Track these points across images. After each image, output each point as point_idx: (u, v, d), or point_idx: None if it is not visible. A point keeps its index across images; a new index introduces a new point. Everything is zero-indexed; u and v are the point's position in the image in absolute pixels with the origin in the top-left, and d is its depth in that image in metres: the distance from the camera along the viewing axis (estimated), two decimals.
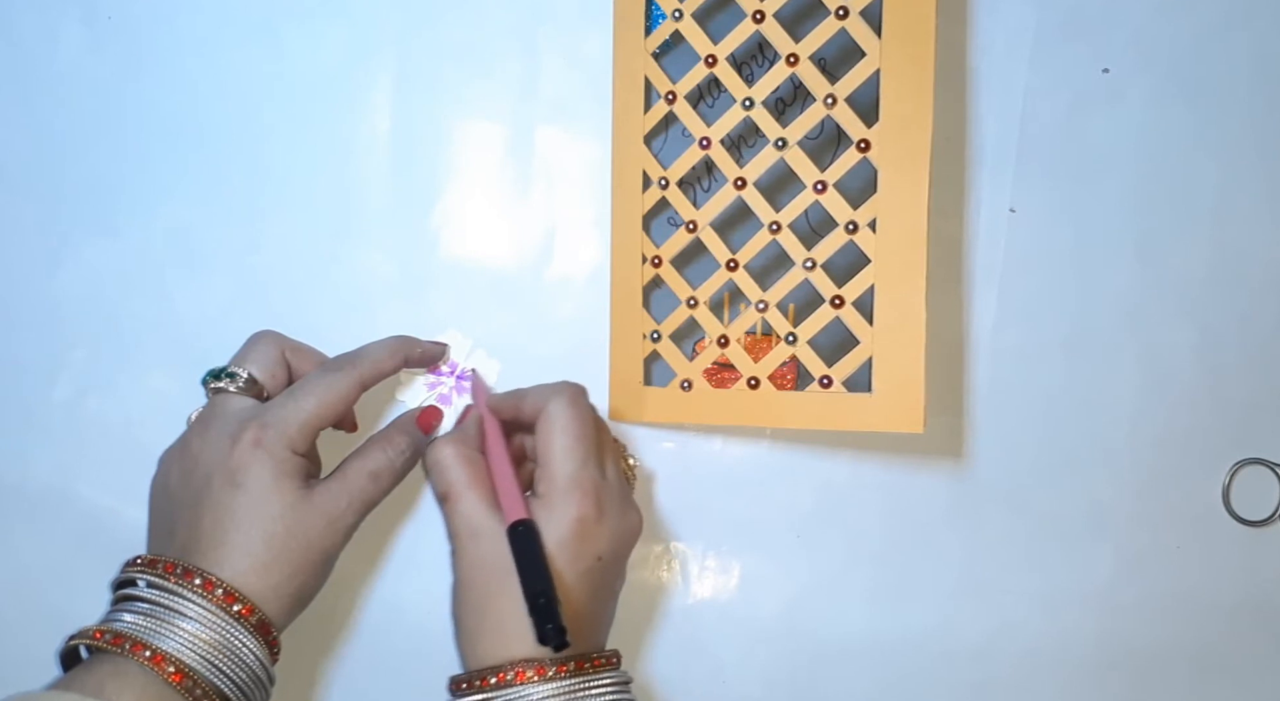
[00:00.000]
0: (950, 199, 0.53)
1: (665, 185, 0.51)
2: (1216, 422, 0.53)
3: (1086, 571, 0.54)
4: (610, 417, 0.53)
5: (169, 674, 0.40)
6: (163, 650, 0.40)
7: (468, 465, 0.46)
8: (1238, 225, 0.53)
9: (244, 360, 0.49)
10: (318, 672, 0.55)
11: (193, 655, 0.41)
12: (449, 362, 0.54)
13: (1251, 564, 0.54)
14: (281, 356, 0.50)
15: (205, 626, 0.41)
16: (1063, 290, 0.53)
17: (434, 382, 0.53)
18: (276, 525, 0.44)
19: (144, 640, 0.40)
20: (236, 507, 0.44)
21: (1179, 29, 0.52)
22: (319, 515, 0.45)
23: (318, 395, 0.47)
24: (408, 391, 0.53)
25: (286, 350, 0.50)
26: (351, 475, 0.47)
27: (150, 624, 0.41)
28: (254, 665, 0.43)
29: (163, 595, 0.42)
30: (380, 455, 0.48)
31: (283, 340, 0.51)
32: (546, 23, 0.54)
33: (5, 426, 0.56)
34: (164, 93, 0.55)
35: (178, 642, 0.41)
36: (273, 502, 0.44)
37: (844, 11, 0.48)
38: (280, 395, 0.48)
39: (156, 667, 0.40)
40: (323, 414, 0.47)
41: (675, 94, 0.51)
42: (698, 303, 0.52)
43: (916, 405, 0.48)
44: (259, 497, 0.44)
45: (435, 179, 0.55)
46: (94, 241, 0.56)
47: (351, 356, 0.50)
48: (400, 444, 0.49)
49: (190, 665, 0.40)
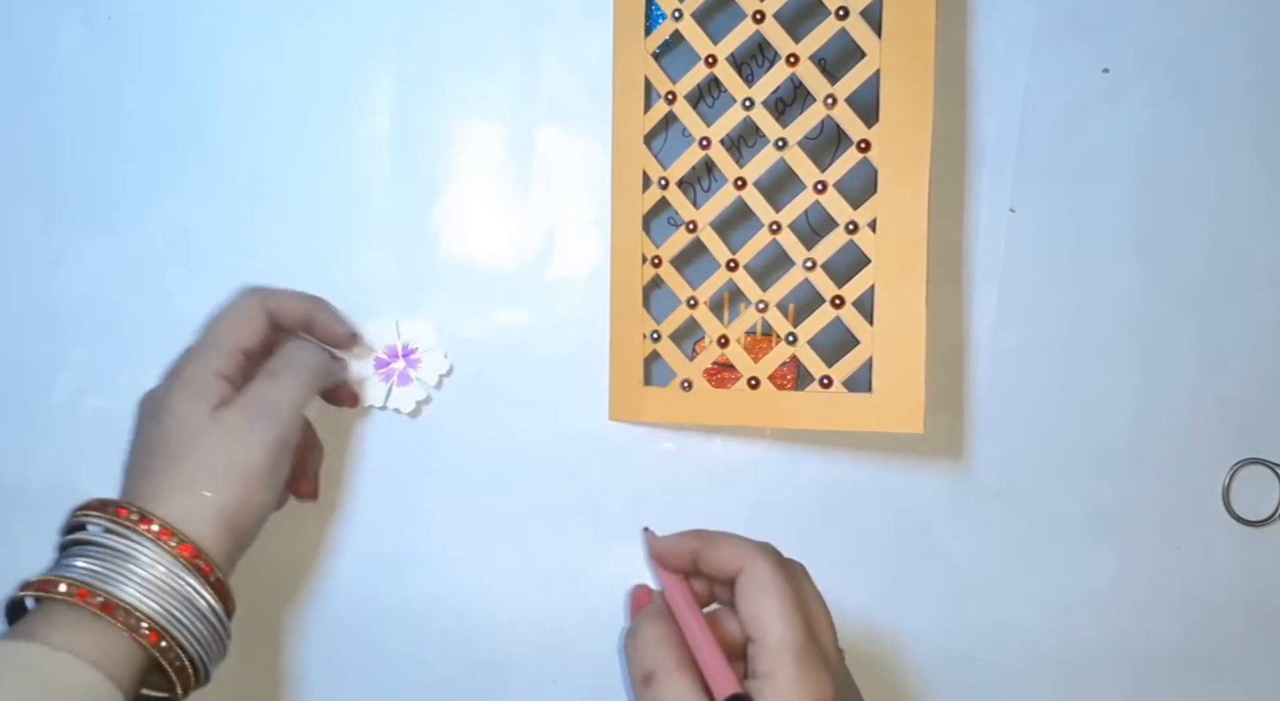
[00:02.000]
0: (950, 199, 0.53)
1: (665, 185, 0.51)
2: (1216, 422, 0.53)
3: (1086, 571, 0.54)
4: (610, 417, 0.53)
5: (118, 618, 0.40)
6: (114, 596, 0.40)
7: (671, 646, 0.39)
8: (1238, 225, 0.53)
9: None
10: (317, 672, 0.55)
11: (137, 594, 0.40)
12: (390, 347, 0.53)
13: (1251, 564, 0.54)
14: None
15: (148, 565, 0.41)
16: (1063, 290, 0.53)
17: (382, 360, 0.53)
18: (190, 451, 0.44)
19: (91, 585, 0.40)
20: (161, 439, 0.44)
21: (1179, 29, 0.52)
22: (228, 432, 0.44)
23: (223, 318, 0.48)
24: (356, 369, 0.53)
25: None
26: (252, 389, 0.46)
27: (95, 567, 0.41)
28: (200, 605, 0.42)
29: (107, 536, 0.42)
30: (283, 359, 0.48)
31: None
32: (546, 23, 0.54)
33: (5, 426, 0.56)
34: (164, 93, 0.55)
35: (122, 584, 0.40)
36: (185, 430, 0.44)
37: (844, 11, 0.48)
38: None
39: (105, 614, 0.39)
40: (231, 331, 0.47)
41: (675, 94, 0.51)
42: (698, 303, 0.52)
43: (916, 405, 0.48)
44: (174, 427, 0.44)
45: (435, 179, 0.55)
46: (94, 241, 0.56)
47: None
48: (303, 348, 0.49)
49: (132, 604, 0.40)
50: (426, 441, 0.55)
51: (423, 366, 0.53)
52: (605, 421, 0.53)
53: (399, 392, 0.53)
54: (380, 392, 0.53)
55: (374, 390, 0.53)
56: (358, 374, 0.53)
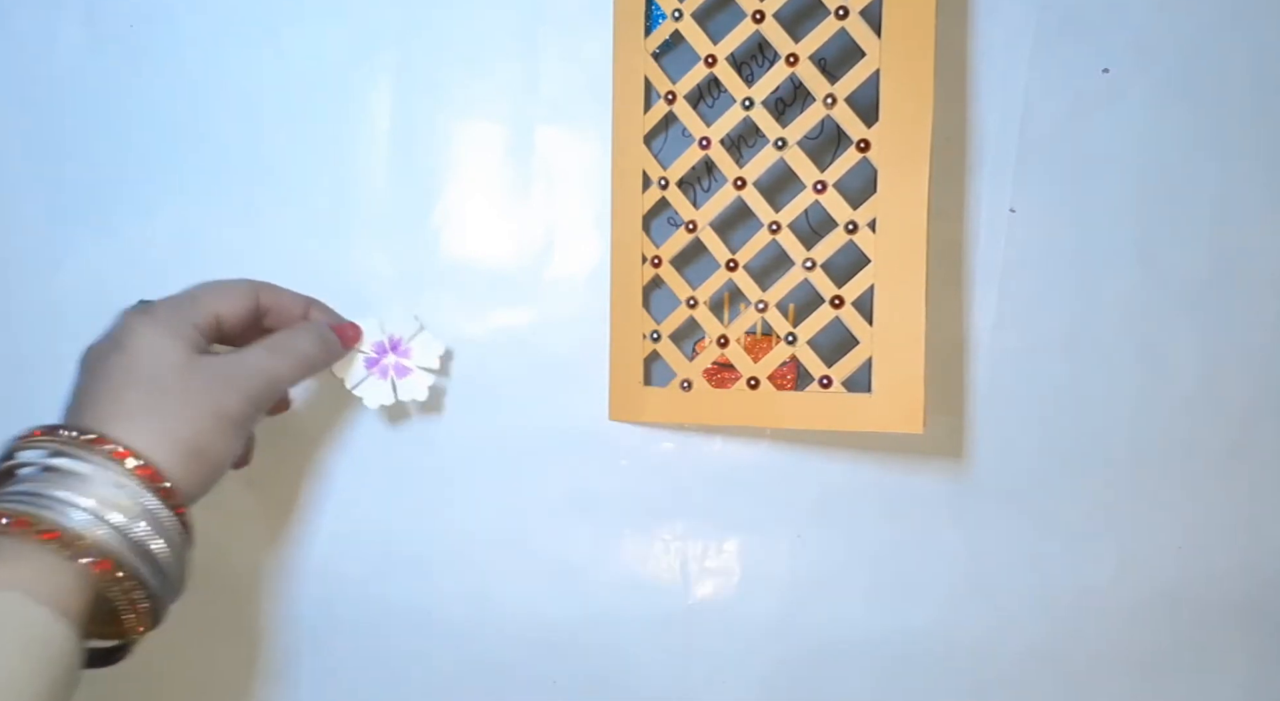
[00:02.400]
0: (950, 199, 0.53)
1: (665, 185, 0.51)
2: (1216, 422, 0.53)
3: (1086, 571, 0.54)
4: (610, 417, 0.53)
5: (69, 551, 0.37)
6: (57, 523, 0.37)
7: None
8: (1238, 225, 0.53)
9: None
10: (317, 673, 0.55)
11: (86, 518, 0.37)
12: (377, 344, 0.52)
13: (1252, 564, 0.54)
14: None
15: (100, 485, 0.38)
16: (1063, 290, 0.53)
17: (372, 359, 0.52)
18: (165, 380, 0.42)
19: (31, 512, 0.37)
20: (128, 366, 0.42)
21: (1179, 29, 0.52)
22: (211, 373, 0.43)
23: (209, 285, 0.47)
24: (347, 369, 0.52)
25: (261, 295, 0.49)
26: (251, 350, 0.45)
27: (38, 491, 0.38)
28: (165, 523, 0.39)
29: (54, 460, 0.39)
30: (284, 336, 0.47)
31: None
32: (546, 23, 0.54)
33: (5, 426, 0.56)
34: (164, 93, 0.55)
35: (68, 509, 0.37)
36: (160, 360, 0.42)
37: (844, 11, 0.48)
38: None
39: (48, 541, 0.37)
40: (214, 296, 0.46)
41: (675, 94, 0.51)
42: (698, 303, 0.52)
43: (916, 405, 0.48)
44: (146, 356, 0.42)
45: (435, 179, 0.55)
46: (94, 241, 0.56)
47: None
48: (310, 334, 0.48)
49: (81, 530, 0.37)
50: (427, 441, 0.55)
51: (416, 353, 0.52)
52: (605, 421, 0.53)
53: (404, 385, 0.52)
54: (384, 390, 0.52)
55: (378, 390, 0.52)
56: (356, 378, 0.52)
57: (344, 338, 0.50)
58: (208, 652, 0.56)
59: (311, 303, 0.51)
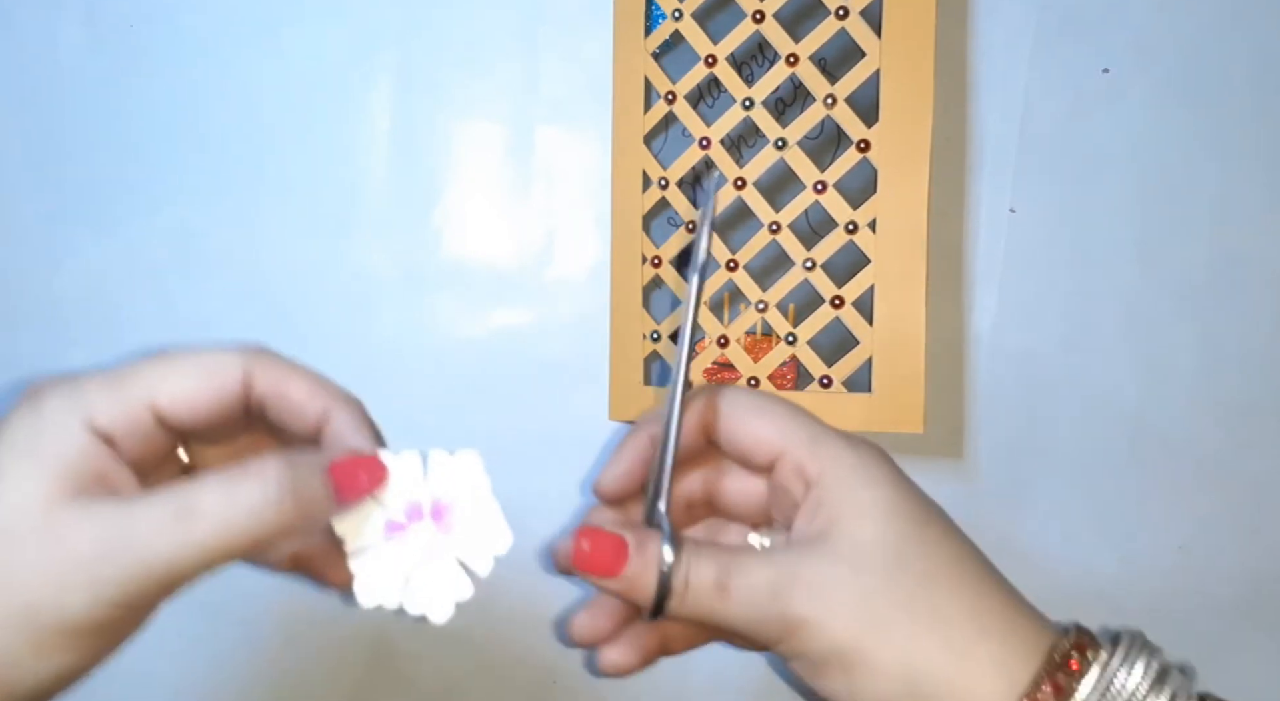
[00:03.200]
0: (950, 199, 0.53)
1: (665, 185, 0.51)
2: (1216, 422, 0.53)
3: (1087, 571, 0.54)
4: (610, 417, 0.53)
5: None
6: None
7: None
8: (1238, 225, 0.53)
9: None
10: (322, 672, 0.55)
11: None
12: (411, 504, 0.32)
13: (1252, 564, 0.54)
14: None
15: None
16: (1063, 290, 0.53)
17: (397, 525, 0.32)
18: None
19: None
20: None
21: (1179, 29, 0.52)
22: (49, 546, 0.27)
23: (168, 358, 0.30)
24: (353, 523, 0.32)
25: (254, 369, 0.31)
26: (147, 502, 0.28)
27: None
28: None
29: None
30: (219, 482, 0.28)
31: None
32: (546, 23, 0.54)
33: None
34: (164, 93, 0.55)
35: None
36: (1, 512, 0.27)
37: (844, 11, 0.48)
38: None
39: None
40: (165, 379, 0.30)
41: (675, 94, 0.51)
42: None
43: (916, 405, 0.48)
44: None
45: (435, 179, 0.55)
46: (94, 241, 0.56)
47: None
48: (265, 481, 0.28)
49: None
50: (426, 441, 0.55)
51: (467, 533, 0.33)
52: (605, 421, 0.53)
53: (424, 583, 0.33)
54: (390, 582, 0.32)
55: (383, 575, 0.32)
56: (359, 540, 0.32)
57: (343, 487, 0.30)
58: (206, 652, 0.56)
59: (335, 401, 0.32)
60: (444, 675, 0.56)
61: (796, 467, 0.33)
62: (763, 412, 0.34)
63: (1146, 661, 0.32)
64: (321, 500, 0.30)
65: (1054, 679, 0.31)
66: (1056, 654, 0.32)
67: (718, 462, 0.36)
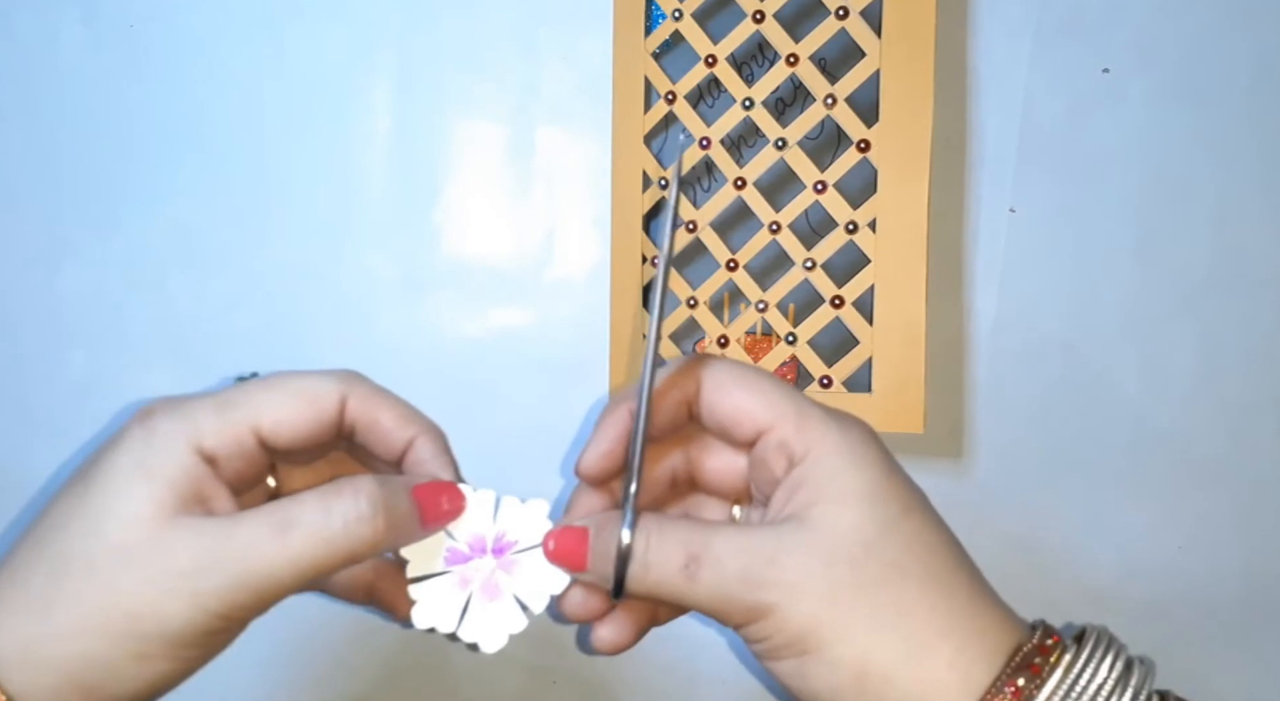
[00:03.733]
0: (950, 199, 0.53)
1: (665, 185, 0.51)
2: (1216, 422, 0.53)
3: (1087, 571, 0.54)
4: None
5: None
6: None
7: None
8: (1238, 225, 0.53)
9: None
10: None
11: None
12: (476, 536, 0.34)
13: (1252, 564, 0.54)
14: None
15: None
16: (1063, 290, 0.53)
17: (460, 555, 0.34)
18: (88, 556, 0.28)
19: None
20: (63, 521, 0.29)
21: (1179, 29, 0.52)
22: (155, 557, 0.28)
23: (268, 384, 0.32)
24: (418, 551, 0.34)
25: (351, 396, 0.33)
26: (247, 519, 0.29)
27: None
28: None
29: None
30: (313, 499, 0.30)
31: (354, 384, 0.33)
32: (546, 23, 0.54)
33: (6, 425, 0.56)
34: (164, 93, 0.55)
35: None
36: (104, 521, 0.29)
37: (844, 11, 0.48)
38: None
39: None
40: (261, 406, 0.31)
41: (675, 94, 0.51)
42: (698, 302, 0.52)
43: (916, 405, 0.48)
44: (93, 509, 0.29)
45: (435, 179, 0.55)
46: (95, 241, 0.56)
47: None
48: (356, 500, 0.30)
49: None
50: None
51: (523, 574, 0.34)
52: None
53: (480, 612, 0.34)
54: (449, 608, 0.34)
55: (441, 602, 0.34)
56: (422, 566, 0.34)
57: (426, 510, 0.32)
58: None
59: (421, 429, 0.34)
60: (445, 674, 0.56)
61: (780, 443, 0.32)
62: (747, 385, 0.33)
63: (1111, 661, 0.31)
64: (408, 521, 0.31)
65: (1014, 682, 0.30)
66: (1019, 656, 0.31)
67: (700, 437, 0.35)
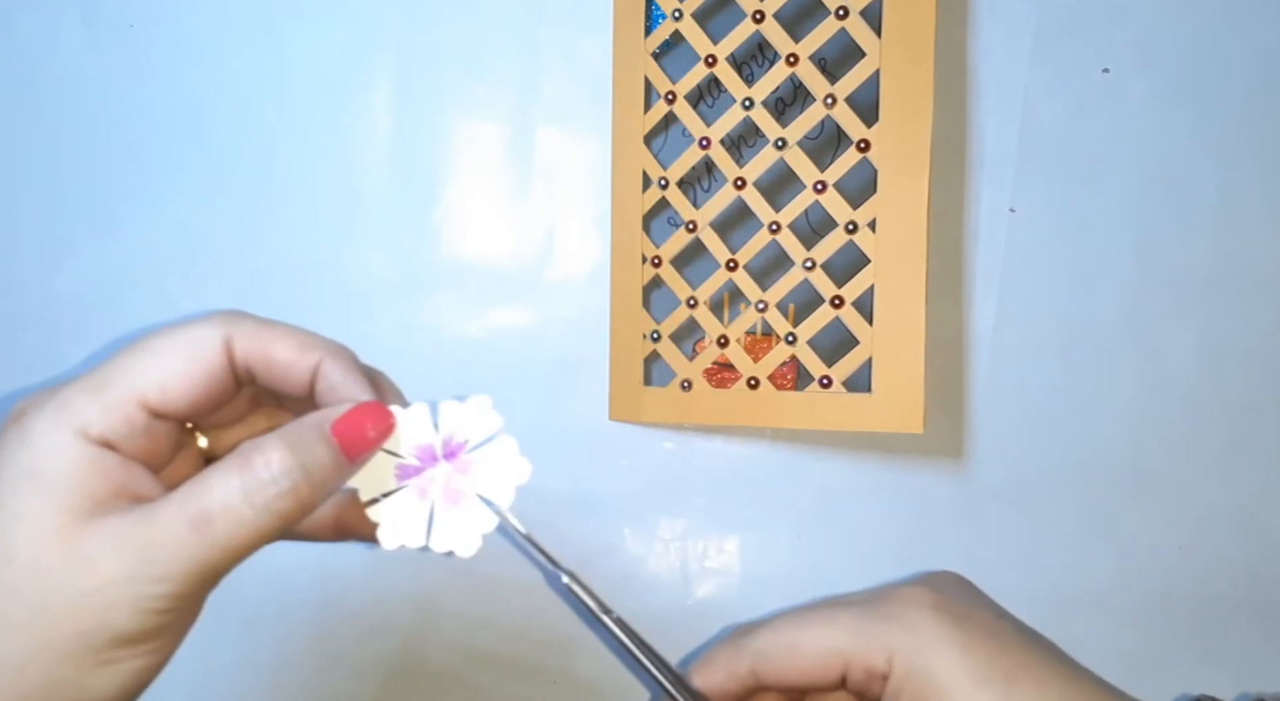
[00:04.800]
0: (950, 199, 0.53)
1: (665, 185, 0.51)
2: (1216, 422, 0.53)
3: (1087, 571, 0.54)
4: (610, 417, 0.53)
5: None
6: None
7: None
8: (1238, 225, 0.53)
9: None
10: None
11: None
12: (423, 446, 0.32)
13: (1252, 564, 0.54)
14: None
15: None
16: (1063, 290, 0.53)
17: (411, 468, 0.32)
18: (26, 592, 0.26)
19: None
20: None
21: (1179, 29, 0.52)
22: (79, 566, 0.26)
23: (145, 348, 0.29)
24: (367, 475, 0.31)
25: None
26: (163, 507, 0.27)
27: None
28: None
29: None
30: (213, 476, 0.27)
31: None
32: (546, 23, 0.54)
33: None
34: (165, 93, 0.55)
35: None
36: (21, 548, 0.26)
37: (844, 11, 0.48)
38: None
39: None
40: (140, 374, 0.28)
41: (675, 94, 0.51)
42: (698, 303, 0.52)
43: (916, 405, 0.48)
44: (8, 539, 0.26)
45: (435, 179, 0.55)
46: (94, 241, 0.56)
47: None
48: (275, 465, 0.27)
49: None
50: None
51: (482, 471, 0.33)
52: (605, 421, 0.53)
53: (448, 521, 0.33)
54: (414, 521, 0.32)
55: (406, 517, 0.32)
56: (374, 489, 0.32)
57: (349, 445, 0.29)
58: (204, 652, 0.56)
59: (323, 353, 0.30)
60: (444, 674, 0.56)
61: (865, 671, 0.31)
62: (791, 646, 0.32)
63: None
64: (332, 468, 0.29)
65: None
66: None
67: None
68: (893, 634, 0.31)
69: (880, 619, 0.31)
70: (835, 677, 0.32)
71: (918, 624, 0.31)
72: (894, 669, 0.31)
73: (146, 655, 0.27)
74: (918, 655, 0.30)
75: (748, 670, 0.33)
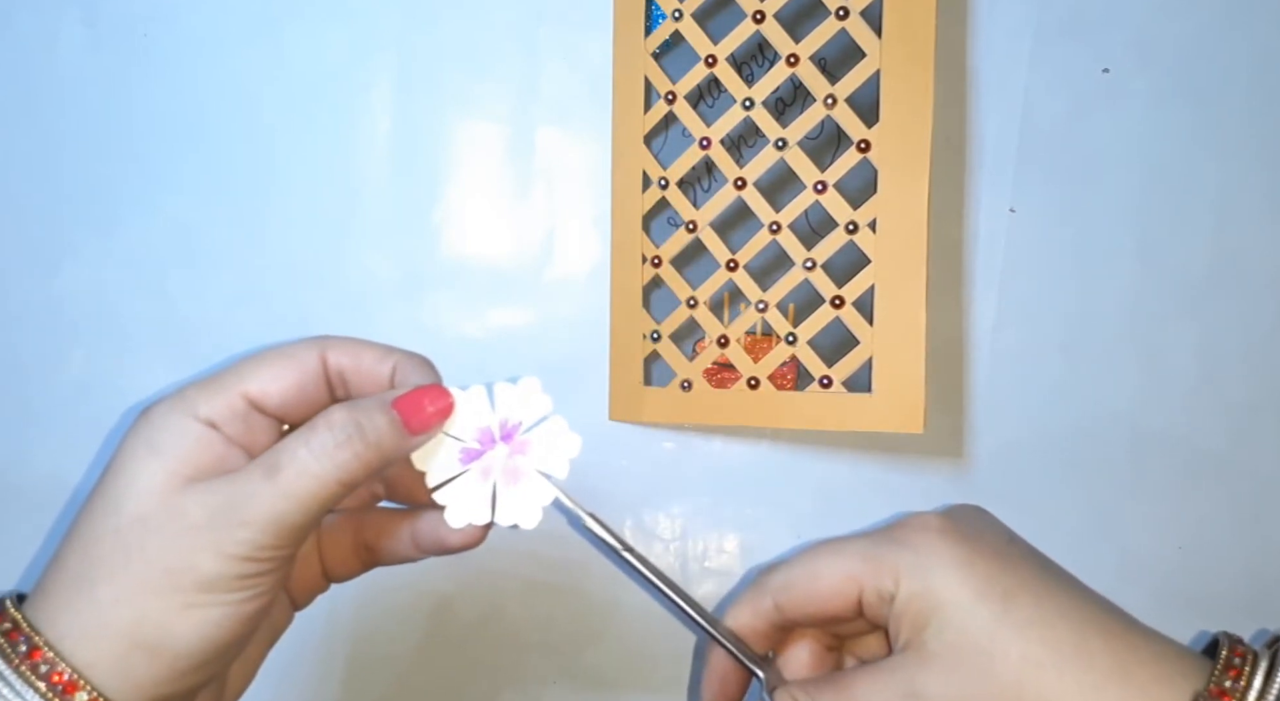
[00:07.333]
0: (950, 199, 0.53)
1: (665, 185, 0.51)
2: (1216, 422, 0.53)
3: (1087, 572, 0.54)
4: (610, 417, 0.53)
5: None
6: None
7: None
8: (1238, 225, 0.53)
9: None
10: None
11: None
12: (483, 429, 0.36)
13: (1252, 564, 0.54)
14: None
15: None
16: (1063, 290, 0.53)
17: (473, 452, 0.35)
18: (118, 534, 0.31)
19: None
20: (88, 512, 0.32)
21: (1179, 29, 0.52)
22: (175, 522, 0.31)
23: (256, 357, 0.34)
24: (431, 458, 0.35)
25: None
26: (246, 473, 0.32)
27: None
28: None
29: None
30: (294, 441, 0.32)
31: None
32: (546, 23, 0.54)
33: (6, 425, 0.56)
34: (165, 93, 0.55)
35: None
36: (124, 502, 0.31)
37: (844, 11, 0.48)
38: None
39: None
40: (255, 373, 0.33)
41: (675, 94, 0.51)
42: (698, 303, 0.52)
43: (916, 405, 0.48)
44: (112, 494, 0.31)
45: (435, 179, 0.55)
46: (94, 241, 0.56)
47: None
48: (336, 430, 0.32)
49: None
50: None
51: (538, 448, 0.36)
52: (605, 421, 0.53)
53: (511, 498, 0.36)
54: (479, 500, 0.35)
55: (471, 498, 0.35)
56: (440, 474, 0.35)
57: (410, 416, 0.33)
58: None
59: (402, 357, 0.35)
60: (444, 674, 0.56)
61: (876, 590, 0.34)
62: (811, 576, 0.35)
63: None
64: (389, 433, 0.32)
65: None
66: (1214, 674, 0.31)
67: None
68: (900, 555, 0.33)
69: (889, 542, 0.34)
70: (853, 603, 0.34)
71: (922, 545, 0.33)
72: (899, 589, 0.33)
73: (227, 605, 0.31)
74: (921, 574, 0.33)
75: (771, 605, 0.36)
